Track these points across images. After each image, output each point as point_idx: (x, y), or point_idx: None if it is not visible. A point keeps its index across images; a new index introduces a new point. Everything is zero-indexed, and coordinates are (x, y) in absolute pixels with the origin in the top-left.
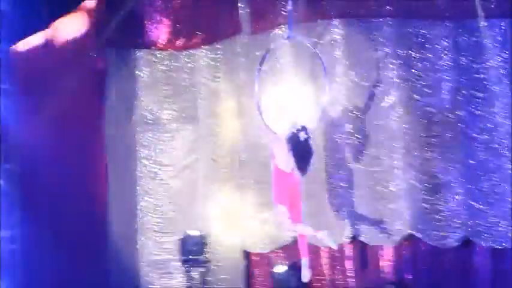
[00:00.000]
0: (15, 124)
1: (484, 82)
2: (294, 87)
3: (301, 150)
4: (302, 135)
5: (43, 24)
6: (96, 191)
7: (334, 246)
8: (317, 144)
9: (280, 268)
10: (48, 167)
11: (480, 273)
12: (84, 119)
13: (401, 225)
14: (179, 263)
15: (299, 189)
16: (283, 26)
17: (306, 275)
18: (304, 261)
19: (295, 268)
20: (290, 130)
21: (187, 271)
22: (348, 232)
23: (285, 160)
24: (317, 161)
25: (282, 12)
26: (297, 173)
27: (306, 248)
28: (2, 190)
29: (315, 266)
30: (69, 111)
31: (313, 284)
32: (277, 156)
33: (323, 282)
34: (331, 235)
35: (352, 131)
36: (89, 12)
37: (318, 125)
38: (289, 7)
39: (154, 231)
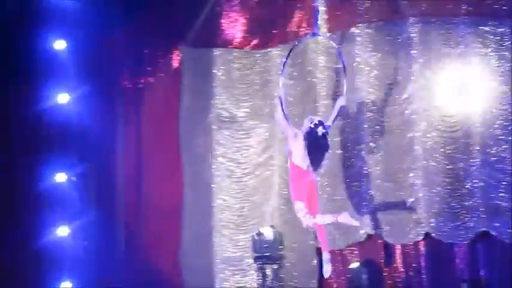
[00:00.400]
0: (90, 123)
1: None
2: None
3: (317, 145)
4: (320, 130)
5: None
6: (171, 189)
7: (358, 224)
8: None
9: (355, 265)
10: (123, 166)
11: None
12: (160, 117)
13: (475, 223)
14: (252, 260)
15: (316, 184)
16: (360, 25)
17: (327, 270)
18: (325, 256)
19: (370, 265)
20: (307, 125)
21: (261, 268)
22: (422, 230)
23: (301, 156)
24: (390, 160)
25: (359, 11)
26: (310, 169)
27: (325, 241)
28: (76, 188)
29: (388, 263)
30: (145, 110)
31: (388, 282)
32: (294, 152)
33: (397, 279)
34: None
35: (427, 128)
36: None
37: (332, 123)
38: (316, 4)
39: (229, 228)
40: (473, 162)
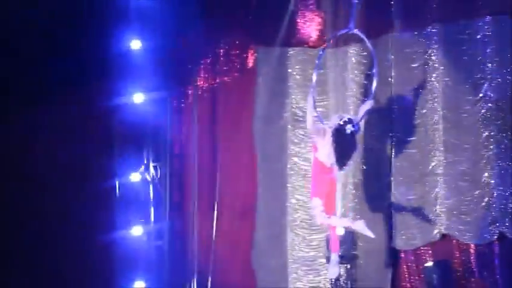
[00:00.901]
0: (165, 123)
1: None
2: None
3: (345, 143)
4: (348, 128)
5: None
6: (245, 189)
7: (372, 235)
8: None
9: (429, 264)
10: (197, 166)
11: None
12: (234, 117)
13: None
14: (325, 260)
15: (336, 183)
16: (436, 24)
17: (335, 271)
18: (334, 257)
19: (443, 265)
20: (337, 122)
21: None
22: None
23: (327, 153)
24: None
25: (434, 9)
26: (335, 167)
27: (337, 243)
28: (151, 188)
29: (462, 263)
30: (219, 109)
31: (461, 282)
32: (320, 148)
33: (472, 279)
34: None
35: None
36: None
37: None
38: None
39: (303, 228)
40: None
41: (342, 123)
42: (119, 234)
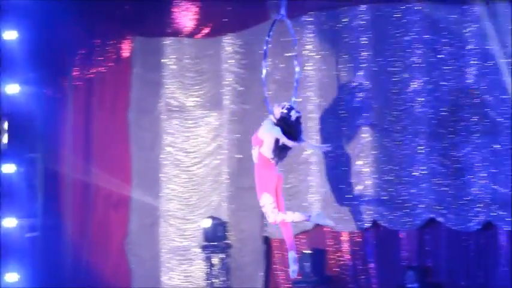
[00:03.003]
0: (40, 114)
1: (510, 66)
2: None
3: (291, 131)
4: (293, 114)
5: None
6: (119, 179)
7: (332, 224)
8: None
9: (302, 253)
10: (72, 157)
11: (502, 257)
12: (110, 107)
13: (423, 210)
14: (200, 249)
15: (282, 179)
16: (312, 12)
17: (294, 270)
18: (292, 255)
19: (317, 253)
20: (278, 111)
21: (208, 257)
22: (369, 217)
23: (271, 147)
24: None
25: None
26: (275, 160)
27: (292, 240)
28: (25, 179)
29: (335, 252)
30: (95, 100)
31: (334, 269)
32: (265, 142)
33: (344, 267)
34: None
35: (375, 116)
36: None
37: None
38: None
39: (177, 218)
40: (421, 149)
41: (285, 110)
42: None
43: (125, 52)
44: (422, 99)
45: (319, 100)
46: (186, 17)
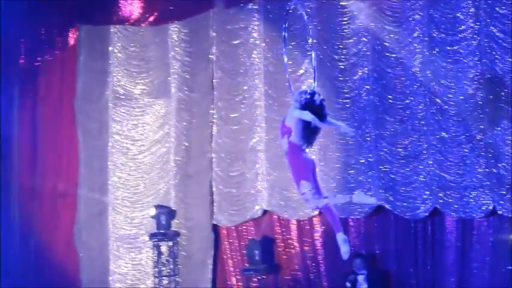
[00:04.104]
0: None
1: (457, 54)
2: None
3: (319, 112)
4: (318, 98)
5: None
6: (67, 168)
7: (374, 201)
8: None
9: (250, 240)
10: (18, 145)
11: (449, 243)
12: (56, 95)
13: (371, 197)
14: (148, 237)
15: (314, 163)
16: (258, 0)
17: (345, 251)
18: (341, 237)
19: (265, 240)
20: (302, 98)
21: (156, 245)
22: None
23: (300, 134)
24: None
25: None
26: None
27: (338, 222)
28: None
29: (284, 239)
30: (41, 88)
31: (283, 256)
32: (294, 130)
33: (293, 254)
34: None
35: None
36: None
37: None
38: None
39: (125, 206)
40: (368, 137)
41: (308, 96)
42: None
43: (71, 40)
44: (368, 87)
45: (266, 88)
46: (132, 5)
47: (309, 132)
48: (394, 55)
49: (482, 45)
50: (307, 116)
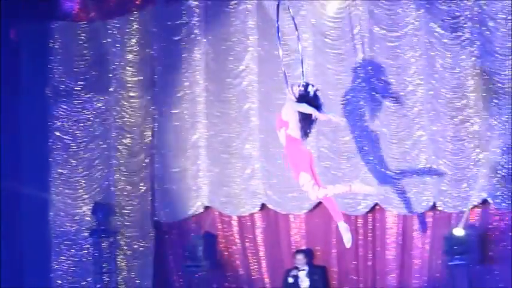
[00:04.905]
0: None
1: (398, 50)
2: None
3: (314, 103)
4: (311, 90)
5: None
6: (6, 163)
7: (374, 190)
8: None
9: (193, 236)
10: None
11: (389, 239)
12: None
13: None
14: (89, 234)
15: (312, 154)
16: None
17: (348, 239)
18: (342, 225)
19: (206, 236)
20: (295, 91)
21: (97, 242)
22: (257, 200)
23: (296, 126)
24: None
25: None
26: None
27: (338, 212)
28: None
29: (226, 236)
30: None
31: (224, 253)
32: (291, 122)
33: (234, 250)
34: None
35: (263, 100)
36: None
37: None
38: None
39: (66, 202)
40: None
41: (302, 88)
42: None
43: (13, 36)
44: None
45: (206, 84)
46: (72, 1)
47: (305, 124)
48: (335, 51)
49: (423, 42)
50: (307, 109)
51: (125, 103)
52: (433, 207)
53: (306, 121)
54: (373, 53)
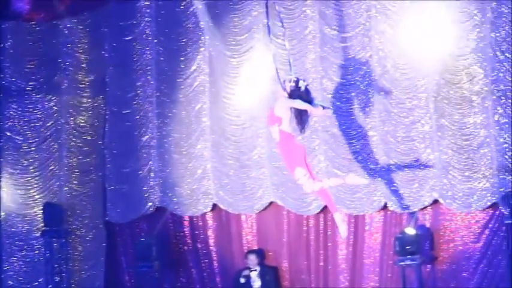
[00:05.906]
0: None
1: (348, 51)
2: None
3: (305, 98)
4: (302, 84)
5: None
6: None
7: (367, 181)
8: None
9: (144, 237)
10: None
11: (340, 239)
12: None
13: (263, 193)
14: (40, 234)
15: (305, 149)
16: None
17: (344, 230)
18: (338, 217)
19: (158, 236)
20: (287, 86)
21: (48, 243)
22: (209, 201)
23: (290, 122)
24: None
25: None
26: (297, 132)
27: (333, 203)
28: None
29: (178, 236)
30: None
31: (176, 253)
32: (284, 118)
33: (186, 250)
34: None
35: (214, 100)
36: None
37: None
38: None
39: (16, 203)
40: (261, 133)
41: (293, 84)
42: None
43: None
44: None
45: (158, 84)
46: (24, 1)
47: (300, 119)
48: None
49: (374, 42)
50: (301, 104)
51: (77, 103)
52: (384, 207)
53: (300, 117)
54: (324, 53)
